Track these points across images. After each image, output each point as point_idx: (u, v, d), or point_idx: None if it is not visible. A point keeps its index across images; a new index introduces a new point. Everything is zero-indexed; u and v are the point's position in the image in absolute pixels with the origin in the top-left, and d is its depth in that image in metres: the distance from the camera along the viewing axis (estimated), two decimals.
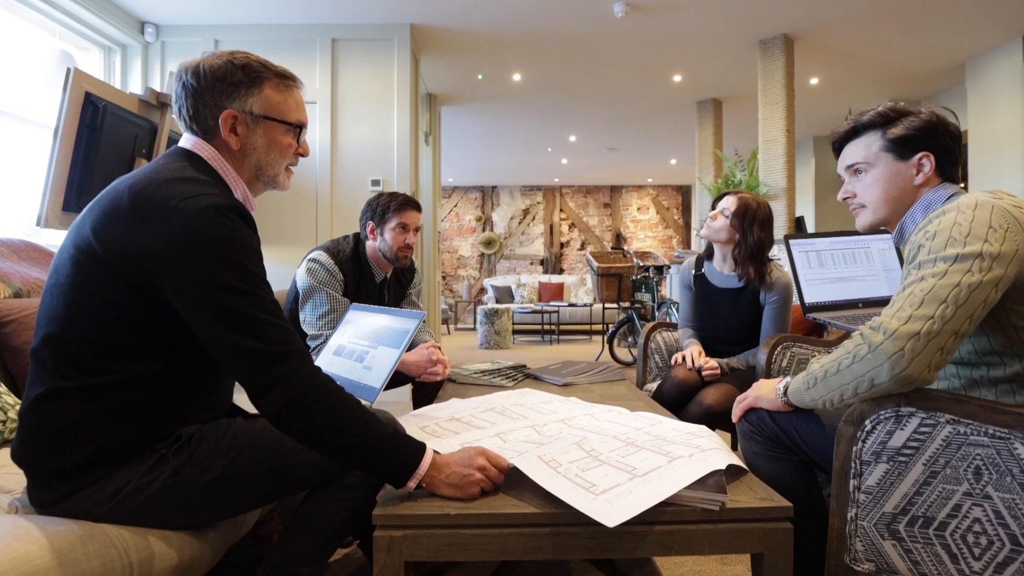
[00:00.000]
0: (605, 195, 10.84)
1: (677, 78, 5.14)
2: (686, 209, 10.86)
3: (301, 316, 1.86)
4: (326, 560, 1.14)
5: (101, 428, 0.91)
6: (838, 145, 1.28)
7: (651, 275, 4.96)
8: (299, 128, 1.10)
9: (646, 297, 4.99)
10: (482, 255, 10.81)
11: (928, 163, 1.12)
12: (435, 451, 1.00)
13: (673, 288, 5.07)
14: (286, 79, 1.08)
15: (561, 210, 10.83)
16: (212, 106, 1.01)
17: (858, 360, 0.93)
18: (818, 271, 1.70)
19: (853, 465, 0.95)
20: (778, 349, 1.90)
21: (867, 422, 0.94)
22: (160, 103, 3.17)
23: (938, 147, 1.13)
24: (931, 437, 0.89)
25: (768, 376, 1.88)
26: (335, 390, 0.93)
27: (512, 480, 1.01)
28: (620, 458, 1.05)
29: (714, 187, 4.52)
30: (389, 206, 1.92)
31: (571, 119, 6.54)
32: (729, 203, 2.02)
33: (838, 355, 0.98)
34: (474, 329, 9.57)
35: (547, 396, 1.73)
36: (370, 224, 1.97)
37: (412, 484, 0.94)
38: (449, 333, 9.38)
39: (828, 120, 6.43)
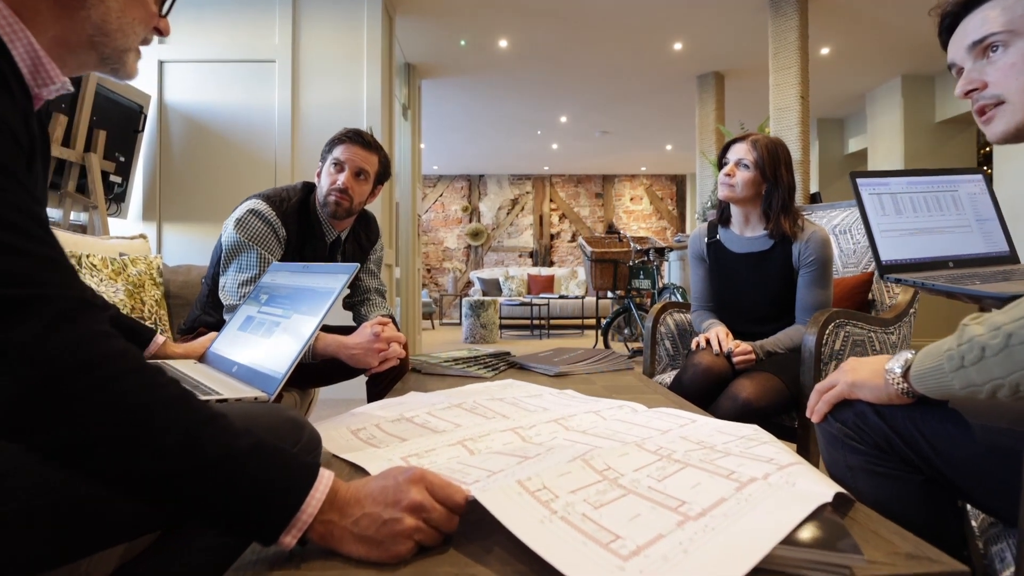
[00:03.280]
0: (597, 184, 10.44)
1: (677, 46, 4.73)
2: (680, 199, 10.49)
3: (221, 281, 1.44)
4: None
5: None
6: (951, 19, 0.86)
7: (651, 259, 4.55)
8: None
9: (645, 283, 4.58)
10: (469, 247, 10.37)
11: None
12: (360, 463, 0.58)
13: (672, 273, 4.67)
14: None
15: (551, 200, 10.42)
16: None
17: None
18: (894, 220, 1.28)
19: None
20: (830, 328, 1.50)
21: None
22: None
23: None
24: None
25: (818, 363, 1.47)
26: (134, 371, 0.51)
27: (473, 524, 0.59)
28: (655, 482, 0.64)
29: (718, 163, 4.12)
30: (332, 140, 1.50)
31: (562, 96, 6.12)
32: (744, 151, 1.63)
33: None
34: (460, 324, 9.14)
35: (535, 388, 1.32)
36: (318, 167, 1.55)
37: (290, 539, 0.52)
38: (434, 328, 8.95)
39: (836, 100, 6.07)
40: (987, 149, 7.03)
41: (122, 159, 3.11)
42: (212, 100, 3.46)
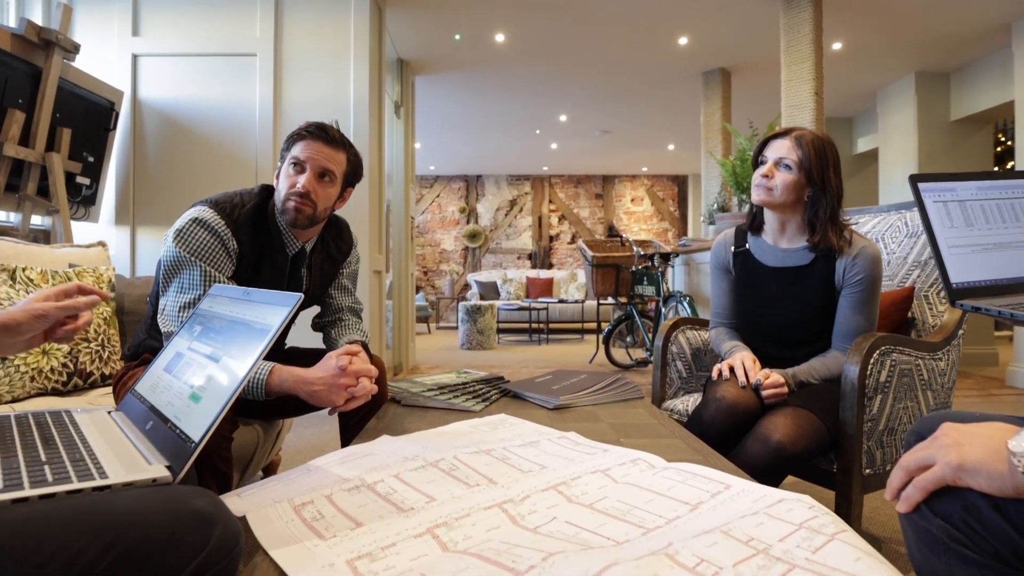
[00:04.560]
0: (597, 185, 10.23)
1: (682, 40, 4.52)
2: (682, 201, 10.28)
3: (160, 303, 1.22)
4: None
5: None
6: None
7: (655, 264, 4.34)
8: None
9: (649, 290, 4.37)
10: (466, 249, 10.16)
11: None
12: (291, 572, 0.37)
13: (677, 280, 4.46)
14: None
15: (550, 201, 10.21)
16: None
17: None
18: (964, 233, 1.06)
19: None
20: (875, 355, 1.29)
21: None
22: (44, 40, 2.50)
23: None
24: None
25: (862, 397, 1.26)
26: None
27: None
28: None
29: (727, 163, 3.91)
30: (291, 136, 1.28)
31: (561, 93, 5.90)
32: (786, 149, 1.39)
33: None
34: (456, 327, 8.94)
35: (530, 430, 1.11)
36: (277, 167, 1.34)
37: None
38: (430, 332, 8.74)
39: (844, 97, 5.85)
40: (1001, 149, 6.82)
41: (91, 159, 2.90)
42: (189, 96, 3.25)
